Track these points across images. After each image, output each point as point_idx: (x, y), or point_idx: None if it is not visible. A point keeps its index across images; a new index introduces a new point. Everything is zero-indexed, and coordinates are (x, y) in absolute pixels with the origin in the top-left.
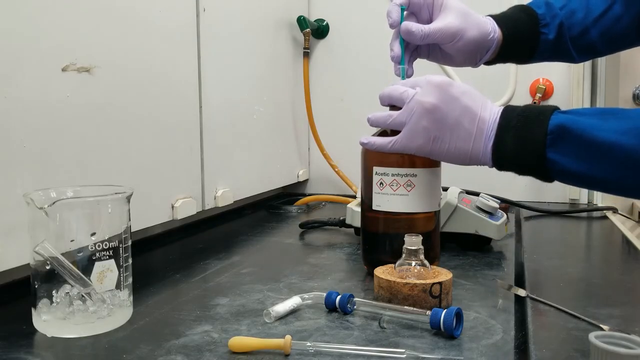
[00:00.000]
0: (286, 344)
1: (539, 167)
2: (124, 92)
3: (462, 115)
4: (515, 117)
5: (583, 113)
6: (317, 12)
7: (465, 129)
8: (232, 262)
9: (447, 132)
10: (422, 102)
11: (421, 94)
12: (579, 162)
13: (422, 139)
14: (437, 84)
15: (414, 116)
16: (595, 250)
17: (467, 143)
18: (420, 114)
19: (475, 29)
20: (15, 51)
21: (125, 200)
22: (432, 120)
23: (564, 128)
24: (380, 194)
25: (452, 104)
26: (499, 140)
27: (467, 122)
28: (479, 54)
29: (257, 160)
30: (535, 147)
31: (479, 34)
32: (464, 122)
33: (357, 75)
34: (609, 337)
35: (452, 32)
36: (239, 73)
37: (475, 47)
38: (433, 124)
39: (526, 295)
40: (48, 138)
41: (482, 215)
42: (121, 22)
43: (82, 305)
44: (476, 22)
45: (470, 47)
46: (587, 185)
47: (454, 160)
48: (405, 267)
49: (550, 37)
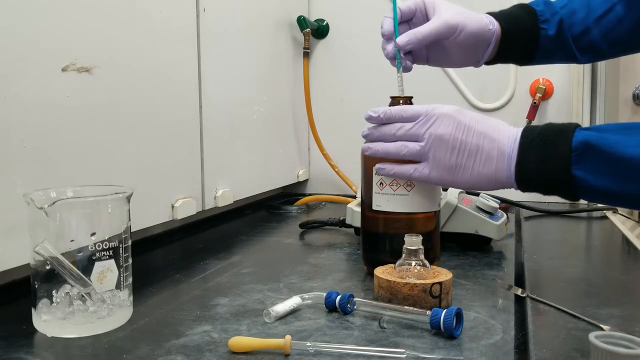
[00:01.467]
0: (286, 344)
1: (565, 185)
2: (124, 92)
3: (480, 139)
4: (537, 136)
5: (606, 129)
6: (317, 12)
7: (486, 152)
8: (232, 262)
9: (468, 158)
10: (438, 135)
11: (436, 125)
12: (605, 179)
13: (444, 170)
14: (448, 113)
15: (433, 149)
16: (595, 250)
17: (490, 167)
18: (438, 146)
19: (474, 22)
20: (15, 51)
21: (125, 200)
22: (451, 149)
23: (588, 144)
24: (380, 194)
25: (467, 129)
26: (522, 160)
27: (487, 145)
28: (480, 50)
29: (257, 160)
30: (560, 164)
31: (477, 26)
32: (484, 146)
33: (357, 75)
34: (609, 337)
35: (452, 25)
36: (239, 73)
37: (475, 41)
38: (453, 154)
39: (526, 295)
40: (48, 138)
41: (482, 215)
42: (121, 22)
43: (82, 305)
44: (474, 16)
45: (471, 40)
46: (614, 202)
47: (479, 186)
48: (405, 267)
49: (550, 32)
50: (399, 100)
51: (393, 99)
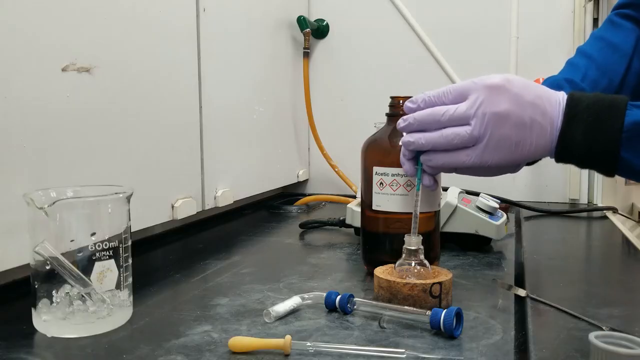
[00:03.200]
0: (286, 344)
1: (608, 165)
2: (123, 92)
3: (534, 111)
4: (584, 109)
5: None
6: (317, 12)
7: (540, 124)
8: (232, 262)
9: (527, 133)
10: (495, 112)
11: (488, 102)
12: None
13: (504, 150)
14: (497, 85)
15: (490, 128)
16: (595, 250)
17: (545, 139)
18: (496, 124)
19: None
20: (15, 51)
21: (125, 200)
22: (511, 126)
23: None
24: (380, 194)
25: (521, 102)
26: (566, 134)
27: (540, 116)
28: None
29: (257, 160)
30: (608, 145)
31: None
32: (537, 118)
33: (357, 75)
34: (609, 337)
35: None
36: (239, 73)
37: None
38: (513, 130)
39: (526, 295)
40: (48, 138)
41: (482, 215)
42: (121, 22)
43: (82, 305)
44: None
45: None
46: None
47: (533, 158)
48: (405, 267)
49: None
50: (399, 100)
51: (393, 99)
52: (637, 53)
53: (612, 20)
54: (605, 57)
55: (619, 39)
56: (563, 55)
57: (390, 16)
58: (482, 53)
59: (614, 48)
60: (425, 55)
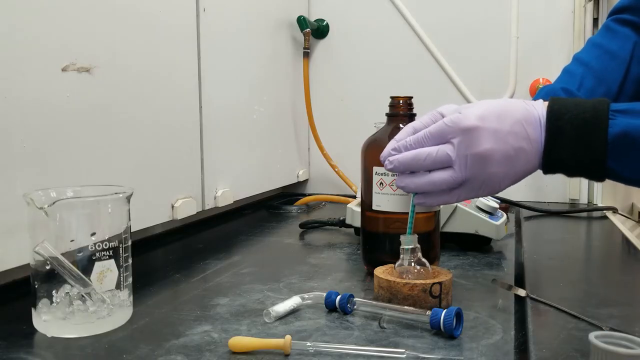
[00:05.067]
0: (286, 344)
1: (596, 175)
2: (123, 92)
3: (516, 140)
4: (566, 123)
5: None
6: (317, 12)
7: (525, 150)
8: (232, 262)
9: (512, 164)
10: (476, 154)
11: (467, 144)
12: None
13: (492, 185)
14: (472, 127)
15: (475, 170)
16: (595, 250)
17: (530, 162)
18: (480, 165)
19: None
20: (15, 51)
21: (125, 200)
22: (496, 163)
23: (626, 136)
24: (380, 194)
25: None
26: (551, 152)
27: (524, 142)
28: None
29: (257, 160)
30: (594, 159)
31: None
32: (522, 145)
33: (357, 75)
34: (609, 337)
35: None
36: (239, 73)
37: None
38: (499, 167)
39: (526, 295)
40: (48, 138)
41: (482, 215)
42: (121, 22)
43: (82, 305)
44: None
45: None
46: None
47: (519, 180)
48: (405, 267)
49: None
50: (399, 100)
51: (393, 99)
52: (634, 60)
53: (609, 27)
54: (602, 64)
55: (616, 46)
56: (563, 55)
57: (390, 16)
58: (482, 53)
59: (611, 55)
60: (425, 55)
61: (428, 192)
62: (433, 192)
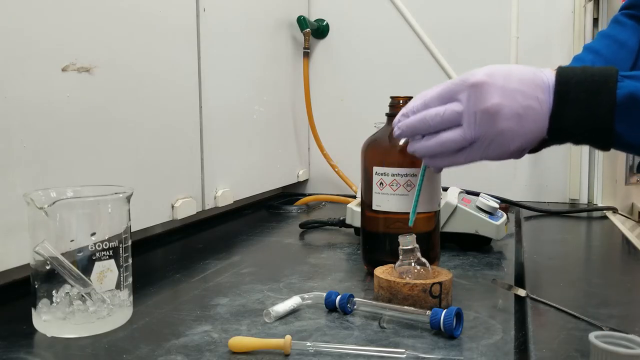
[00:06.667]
0: (286, 344)
1: (603, 139)
2: (123, 92)
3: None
4: (574, 85)
5: None
6: (317, 12)
7: (534, 109)
8: (232, 262)
9: (521, 122)
10: (485, 109)
11: (475, 100)
12: None
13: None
14: (481, 82)
15: (483, 127)
16: (595, 250)
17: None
18: (488, 122)
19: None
20: (15, 51)
21: (125, 200)
22: (505, 119)
23: (635, 99)
24: (380, 194)
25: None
26: (558, 113)
27: (533, 101)
28: None
29: (257, 160)
30: (601, 120)
31: None
32: (531, 104)
33: (357, 75)
34: (609, 337)
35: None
36: (239, 73)
37: None
38: (507, 123)
39: (526, 295)
40: (48, 138)
41: (482, 215)
42: (121, 22)
43: (82, 305)
44: None
45: None
46: None
47: (528, 145)
48: (405, 267)
49: None
50: (399, 100)
51: (393, 99)
52: None
53: (618, 20)
54: (612, 53)
55: (626, 36)
56: (563, 55)
57: (390, 16)
58: (482, 53)
59: (621, 44)
60: (425, 55)
61: (437, 153)
62: (442, 153)
